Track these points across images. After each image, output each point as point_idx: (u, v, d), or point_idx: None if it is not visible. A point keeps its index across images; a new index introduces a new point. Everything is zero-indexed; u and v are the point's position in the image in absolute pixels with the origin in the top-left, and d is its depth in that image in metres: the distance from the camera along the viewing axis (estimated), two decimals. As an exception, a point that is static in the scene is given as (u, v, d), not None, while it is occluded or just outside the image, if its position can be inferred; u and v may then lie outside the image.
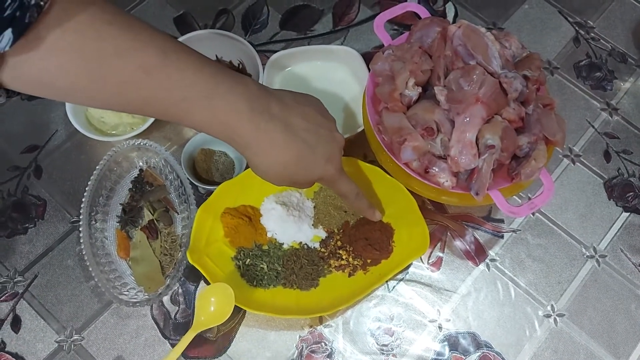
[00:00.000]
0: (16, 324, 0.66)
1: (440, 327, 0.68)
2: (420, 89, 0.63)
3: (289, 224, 0.70)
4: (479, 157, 0.59)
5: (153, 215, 0.69)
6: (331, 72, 0.78)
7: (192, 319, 0.66)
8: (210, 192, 0.69)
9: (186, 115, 0.46)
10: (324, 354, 0.66)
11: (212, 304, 0.64)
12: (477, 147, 0.59)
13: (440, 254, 0.72)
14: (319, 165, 0.53)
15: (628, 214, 0.76)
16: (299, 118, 0.52)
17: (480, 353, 0.67)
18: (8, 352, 0.64)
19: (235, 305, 0.63)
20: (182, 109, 0.45)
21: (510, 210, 0.61)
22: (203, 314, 0.64)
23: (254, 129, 0.48)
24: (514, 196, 0.76)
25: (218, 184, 0.69)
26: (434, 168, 0.61)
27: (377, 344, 0.67)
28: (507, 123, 0.60)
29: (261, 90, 0.50)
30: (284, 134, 0.50)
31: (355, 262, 0.69)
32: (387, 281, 0.70)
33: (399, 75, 0.62)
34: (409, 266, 0.71)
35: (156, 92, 0.43)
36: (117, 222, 0.69)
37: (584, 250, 0.74)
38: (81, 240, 0.65)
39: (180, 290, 0.69)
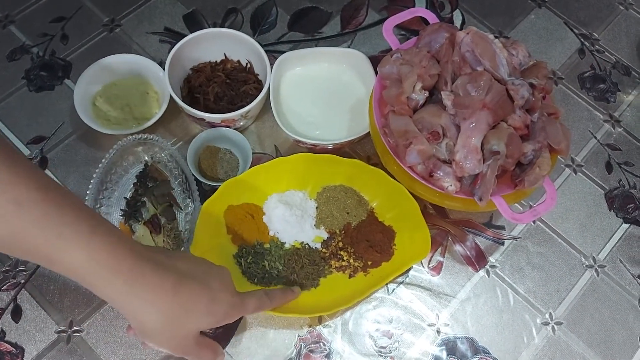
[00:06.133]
0: (17, 314, 0.66)
1: (438, 331, 0.69)
2: (427, 93, 0.64)
3: (291, 224, 0.70)
4: (483, 162, 0.60)
5: (157, 210, 0.69)
6: (338, 74, 0.79)
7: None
8: (214, 189, 0.69)
9: (60, 255, 0.42)
10: (322, 354, 0.66)
11: None
12: (482, 152, 0.60)
13: (441, 259, 0.73)
14: (219, 297, 0.51)
15: (628, 225, 0.77)
16: (182, 261, 0.50)
17: (477, 358, 0.67)
18: (7, 342, 0.64)
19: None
20: (56, 247, 0.42)
21: (513, 217, 0.62)
22: None
23: (139, 275, 0.45)
24: (515, 204, 0.76)
25: (222, 181, 0.70)
26: (438, 172, 0.61)
27: (375, 345, 0.67)
28: (512, 130, 0.61)
29: (137, 242, 0.49)
30: (172, 278, 0.47)
31: (356, 264, 0.69)
32: (387, 284, 0.70)
33: (407, 78, 0.63)
34: (409, 269, 0.71)
35: (27, 227, 0.41)
36: (121, 216, 0.69)
37: (583, 259, 0.74)
38: (84, 232, 0.65)
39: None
